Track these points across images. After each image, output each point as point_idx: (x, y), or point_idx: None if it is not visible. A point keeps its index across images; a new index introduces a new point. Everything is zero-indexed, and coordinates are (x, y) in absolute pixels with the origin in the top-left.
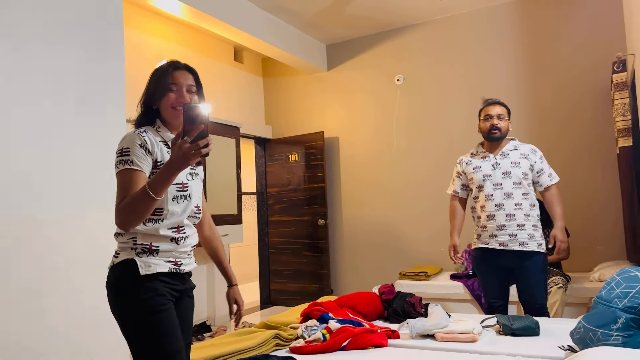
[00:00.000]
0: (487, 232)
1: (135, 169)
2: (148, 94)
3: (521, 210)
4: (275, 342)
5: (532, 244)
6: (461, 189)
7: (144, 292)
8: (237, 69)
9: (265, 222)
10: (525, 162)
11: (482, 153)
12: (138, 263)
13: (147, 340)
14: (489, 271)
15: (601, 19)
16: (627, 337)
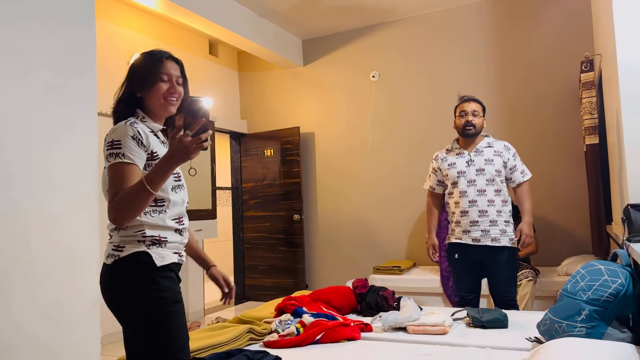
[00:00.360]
0: (461, 227)
1: (128, 162)
2: (135, 81)
3: (494, 206)
4: (249, 336)
5: (504, 239)
6: (437, 184)
7: (162, 283)
8: (212, 62)
9: (240, 218)
10: (498, 160)
11: (457, 149)
12: (152, 255)
13: (165, 331)
14: (461, 265)
15: (570, 20)
16: (590, 328)
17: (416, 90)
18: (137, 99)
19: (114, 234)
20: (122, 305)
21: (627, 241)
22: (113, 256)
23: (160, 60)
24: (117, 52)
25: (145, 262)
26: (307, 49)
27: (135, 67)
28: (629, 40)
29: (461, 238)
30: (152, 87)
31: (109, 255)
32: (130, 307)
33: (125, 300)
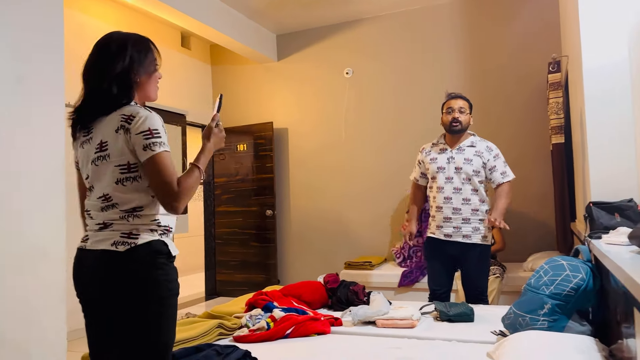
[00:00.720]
0: (435, 222)
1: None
2: (140, 64)
3: (469, 205)
4: (219, 331)
5: (476, 236)
6: (420, 176)
7: (171, 274)
8: (184, 55)
9: (212, 213)
10: (478, 160)
11: (441, 145)
12: (169, 244)
13: (167, 322)
14: (435, 259)
15: (540, 21)
16: (552, 321)
17: (389, 87)
18: (132, 83)
19: (121, 222)
20: (130, 294)
21: (588, 238)
22: (126, 244)
23: (154, 48)
24: (87, 43)
25: (162, 252)
26: (281, 44)
27: (140, 49)
28: (594, 44)
29: (434, 233)
30: (153, 72)
31: (117, 243)
32: (140, 297)
33: (136, 289)
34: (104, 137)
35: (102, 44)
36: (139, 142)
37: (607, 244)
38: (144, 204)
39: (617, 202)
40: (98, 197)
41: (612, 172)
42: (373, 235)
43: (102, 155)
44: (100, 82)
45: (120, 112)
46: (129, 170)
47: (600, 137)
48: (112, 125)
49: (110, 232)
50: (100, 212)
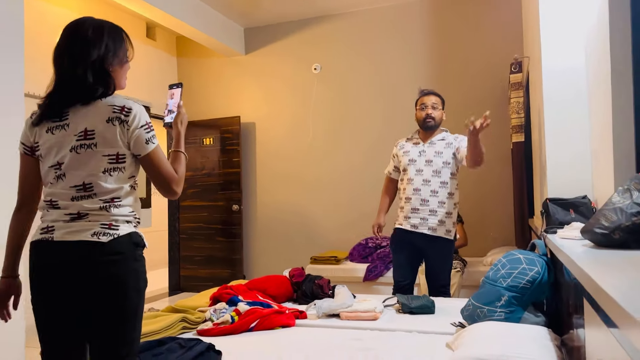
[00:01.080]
0: (403, 213)
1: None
2: (114, 54)
3: (436, 197)
4: (182, 325)
5: (441, 230)
6: (394, 170)
7: (144, 265)
8: (149, 46)
9: (177, 207)
10: (448, 151)
11: (415, 139)
12: (143, 236)
13: (142, 313)
14: (401, 250)
15: (504, 22)
16: (508, 313)
17: (357, 83)
18: (106, 75)
19: (100, 212)
20: (112, 285)
21: (544, 232)
22: (108, 234)
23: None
24: (48, 31)
25: (140, 244)
26: (249, 38)
27: (115, 38)
28: (553, 45)
29: (402, 224)
30: (124, 64)
31: (98, 233)
32: (122, 288)
33: (118, 280)
34: (89, 126)
35: (75, 28)
36: (141, 135)
37: (561, 238)
38: (122, 195)
39: (572, 198)
40: (72, 185)
41: (568, 169)
42: (339, 230)
43: (87, 143)
44: (74, 68)
45: (109, 102)
46: (117, 161)
47: (557, 136)
48: (100, 114)
49: (87, 222)
50: (72, 202)
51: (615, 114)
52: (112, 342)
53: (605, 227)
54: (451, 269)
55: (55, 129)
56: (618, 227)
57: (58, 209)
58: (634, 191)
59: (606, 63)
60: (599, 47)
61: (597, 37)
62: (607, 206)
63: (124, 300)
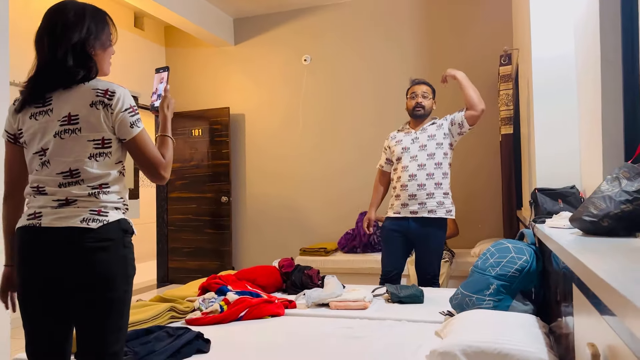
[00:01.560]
0: (400, 201)
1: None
2: (96, 37)
3: (432, 179)
4: (171, 314)
5: (441, 210)
6: (386, 162)
7: (133, 252)
8: (138, 35)
9: (165, 199)
10: (439, 132)
11: (406, 129)
12: (132, 223)
13: (130, 301)
14: (392, 240)
15: (494, 14)
16: (497, 301)
17: (347, 74)
18: (88, 58)
19: (89, 198)
20: (101, 271)
21: (533, 222)
22: (98, 221)
23: (110, 22)
24: (32, 19)
25: (129, 231)
26: (239, 28)
27: (97, 21)
28: (543, 37)
29: (399, 212)
30: (108, 47)
31: (87, 219)
32: (111, 274)
33: (108, 266)
34: (73, 110)
35: (56, 11)
36: (125, 119)
37: (550, 227)
38: (110, 180)
39: (560, 188)
40: (59, 172)
41: (556, 160)
42: (328, 222)
43: (71, 128)
44: (55, 51)
45: (92, 85)
46: (102, 146)
47: (546, 126)
48: (84, 98)
49: (76, 208)
50: (59, 188)
51: (605, 102)
52: (99, 329)
53: (594, 215)
54: (441, 259)
55: (38, 115)
56: (607, 214)
57: (45, 195)
58: (623, 179)
59: (595, 51)
60: (589, 34)
61: (587, 25)
62: (596, 194)
63: (113, 286)
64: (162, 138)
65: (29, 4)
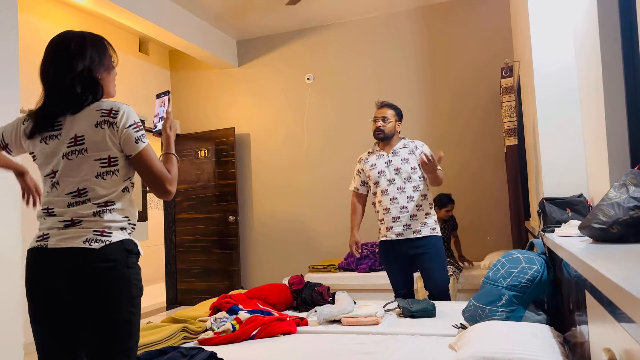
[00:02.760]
0: (385, 224)
1: None
2: (99, 62)
3: (413, 201)
4: (183, 335)
5: (425, 230)
6: (361, 185)
7: (139, 273)
8: (143, 60)
9: (173, 220)
10: (412, 157)
11: (377, 151)
12: (137, 243)
13: (138, 321)
14: (391, 261)
15: (493, 28)
16: (510, 312)
17: (349, 92)
18: (95, 83)
19: (93, 218)
20: (104, 293)
21: (542, 231)
22: (100, 241)
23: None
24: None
25: (134, 252)
26: (242, 50)
27: (98, 47)
28: (544, 49)
29: (386, 235)
30: (112, 69)
31: (90, 240)
32: (114, 295)
33: (110, 288)
34: (79, 132)
35: (57, 44)
36: (130, 135)
37: (559, 236)
38: (115, 199)
39: (568, 197)
40: (67, 192)
41: (563, 169)
42: (336, 239)
43: (78, 149)
44: (61, 80)
45: (97, 107)
46: (109, 164)
47: (551, 137)
48: (89, 119)
49: (80, 229)
50: (67, 209)
51: (608, 110)
52: (106, 351)
53: (603, 222)
54: (446, 265)
55: (49, 139)
56: (616, 221)
57: (54, 216)
58: (630, 185)
59: (596, 59)
60: (589, 43)
61: (587, 34)
62: (604, 201)
63: (116, 307)
64: (166, 156)
65: (38, 33)
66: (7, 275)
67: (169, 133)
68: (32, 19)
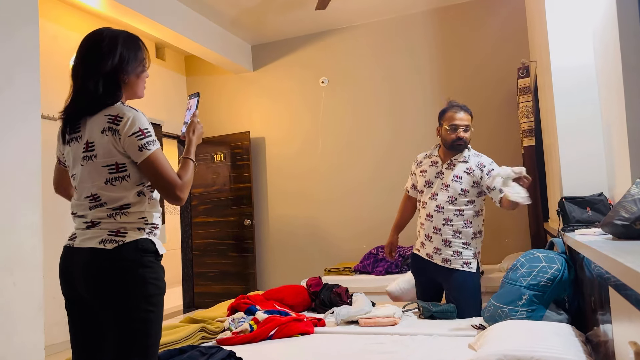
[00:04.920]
0: (419, 239)
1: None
2: (129, 63)
3: (450, 226)
4: (202, 334)
5: (457, 262)
6: (412, 188)
7: (159, 273)
8: (159, 66)
9: (189, 224)
10: (467, 178)
11: (434, 157)
12: (156, 242)
13: (157, 320)
14: (419, 276)
15: (508, 28)
16: (530, 311)
17: (364, 95)
18: (120, 82)
19: (109, 220)
20: (119, 292)
21: (562, 231)
22: (114, 241)
23: (143, 48)
24: (61, 54)
25: (150, 251)
26: (257, 54)
27: (129, 48)
28: (562, 47)
29: (419, 250)
30: (142, 72)
31: (105, 241)
32: (129, 295)
33: (125, 287)
34: (90, 138)
35: (91, 40)
36: (133, 143)
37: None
38: (131, 202)
39: (588, 196)
40: (85, 196)
41: (582, 168)
42: (351, 242)
43: (89, 155)
44: (87, 80)
45: (106, 112)
46: (117, 170)
47: (570, 136)
48: (98, 125)
49: (98, 230)
50: (89, 211)
51: (629, 107)
52: (124, 350)
53: (625, 219)
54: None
55: (72, 141)
56: (639, 217)
57: (79, 217)
58: None
59: (617, 57)
60: (608, 41)
61: (605, 32)
62: (626, 198)
63: (132, 307)
64: (183, 160)
65: (57, 41)
66: (28, 277)
67: (191, 137)
68: (49, 25)
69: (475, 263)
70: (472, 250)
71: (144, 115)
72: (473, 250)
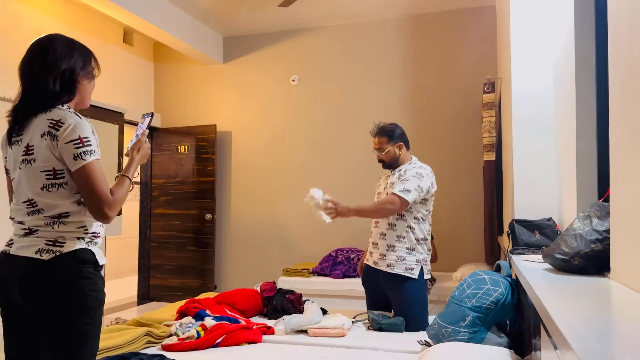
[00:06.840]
0: (369, 247)
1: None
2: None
3: (394, 231)
4: (147, 339)
5: (400, 267)
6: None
7: (99, 284)
8: (126, 51)
9: (148, 215)
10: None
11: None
12: (96, 253)
13: (93, 332)
14: (367, 287)
15: (479, 44)
16: (472, 333)
17: (333, 96)
18: (73, 85)
19: (47, 228)
20: (55, 304)
21: (509, 253)
22: (51, 252)
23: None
24: (22, 33)
25: (89, 261)
26: (228, 47)
27: (84, 56)
28: (523, 70)
29: (367, 259)
30: (92, 79)
31: (41, 250)
32: (66, 307)
33: (62, 299)
34: (31, 141)
35: (46, 42)
36: (69, 150)
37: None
38: (70, 211)
39: (537, 220)
40: (23, 201)
41: (534, 191)
42: (312, 243)
43: (28, 159)
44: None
45: (49, 116)
46: (54, 177)
47: (525, 157)
48: (39, 129)
49: (36, 238)
50: (27, 217)
51: (579, 140)
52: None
53: (565, 253)
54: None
55: (14, 144)
56: (577, 253)
57: (17, 223)
58: (594, 218)
59: (571, 88)
60: (565, 71)
61: (564, 62)
62: (568, 232)
63: (65, 319)
64: (121, 177)
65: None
66: None
67: (134, 155)
68: (12, 3)
69: (418, 270)
70: (416, 257)
71: (90, 125)
72: (417, 256)
